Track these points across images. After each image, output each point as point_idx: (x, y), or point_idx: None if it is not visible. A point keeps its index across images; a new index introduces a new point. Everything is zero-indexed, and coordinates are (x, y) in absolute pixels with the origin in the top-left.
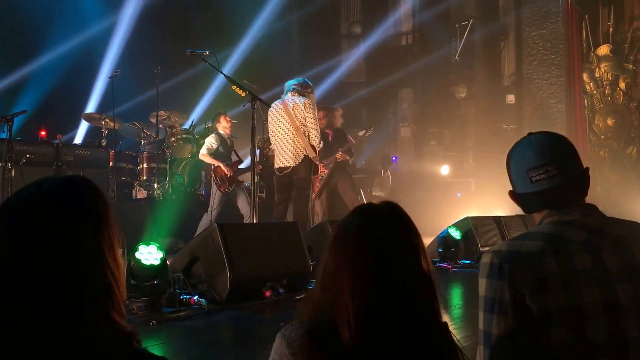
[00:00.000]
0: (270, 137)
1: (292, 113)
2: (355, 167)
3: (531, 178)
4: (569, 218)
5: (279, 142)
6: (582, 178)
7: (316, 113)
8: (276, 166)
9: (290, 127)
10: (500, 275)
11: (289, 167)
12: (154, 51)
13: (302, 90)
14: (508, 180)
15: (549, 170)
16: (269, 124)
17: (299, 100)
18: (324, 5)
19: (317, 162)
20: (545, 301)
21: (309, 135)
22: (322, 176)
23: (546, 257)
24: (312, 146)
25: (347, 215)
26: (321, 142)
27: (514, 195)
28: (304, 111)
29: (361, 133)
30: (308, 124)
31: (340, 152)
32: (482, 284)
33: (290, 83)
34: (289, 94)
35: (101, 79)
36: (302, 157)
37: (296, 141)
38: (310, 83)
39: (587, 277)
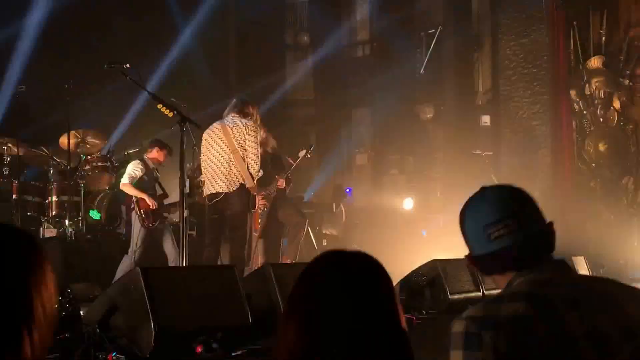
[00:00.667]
0: (202, 163)
1: (232, 134)
2: (301, 200)
3: (489, 235)
4: (544, 277)
5: (211, 166)
6: (546, 233)
7: (258, 138)
8: (206, 193)
9: (227, 150)
10: (480, 345)
11: (221, 194)
12: (65, 64)
13: (244, 109)
14: None
15: (509, 225)
16: (202, 148)
17: (240, 122)
18: (266, 12)
19: (255, 194)
20: None
21: (247, 163)
22: (264, 209)
23: (532, 320)
24: (251, 175)
25: (310, 267)
26: (261, 170)
27: (471, 259)
28: (245, 133)
29: (301, 154)
30: (247, 148)
31: (280, 181)
32: (458, 356)
33: (232, 104)
34: (230, 115)
35: (2, 97)
36: (238, 185)
37: (232, 165)
38: (250, 101)
39: (583, 340)
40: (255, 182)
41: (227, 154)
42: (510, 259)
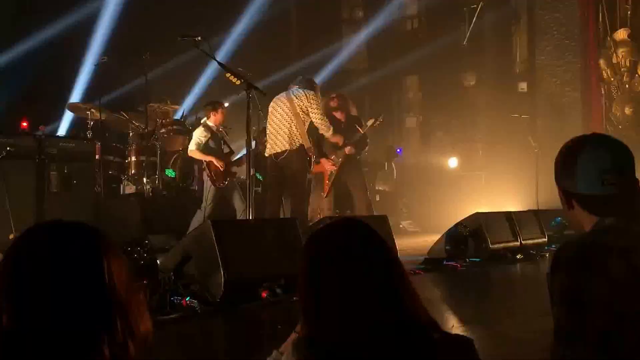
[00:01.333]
0: (268, 128)
1: (295, 101)
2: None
3: (604, 179)
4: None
5: (274, 128)
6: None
7: (320, 106)
8: (268, 153)
9: (290, 113)
10: (594, 268)
11: (284, 152)
12: (142, 37)
13: (307, 84)
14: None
15: (622, 176)
16: (269, 114)
17: (303, 91)
18: None
19: (313, 155)
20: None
21: (308, 127)
22: (332, 172)
23: (637, 254)
24: (312, 139)
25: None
26: (330, 128)
27: (569, 193)
28: (307, 102)
29: (370, 122)
30: (311, 114)
31: (348, 147)
32: (566, 277)
33: (297, 79)
34: (294, 87)
35: (86, 66)
36: (298, 145)
37: (293, 126)
38: (312, 79)
39: None
40: (313, 146)
41: (290, 116)
42: (611, 205)
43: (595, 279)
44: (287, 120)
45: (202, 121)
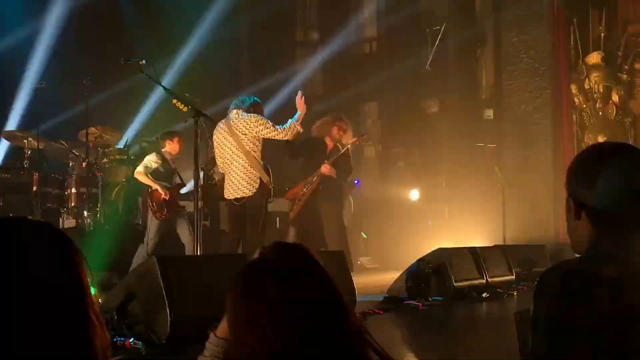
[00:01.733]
0: (218, 162)
1: (239, 134)
2: None
3: (626, 200)
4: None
5: (229, 170)
6: None
7: (269, 123)
8: (227, 196)
9: (239, 152)
10: (578, 297)
11: (246, 197)
12: (83, 60)
13: (248, 108)
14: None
15: None
16: (215, 148)
17: (247, 119)
18: (277, 9)
19: (271, 186)
20: (626, 336)
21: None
22: (303, 192)
23: (628, 286)
24: (266, 170)
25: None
26: (290, 127)
27: (581, 203)
28: (253, 124)
29: (351, 140)
30: (263, 133)
31: (325, 164)
32: (549, 304)
33: (235, 102)
34: (233, 112)
35: (23, 92)
36: (258, 184)
37: (248, 167)
38: (259, 100)
39: None
40: (270, 176)
41: (241, 156)
42: (626, 228)
43: (578, 309)
44: (239, 163)
45: (160, 146)
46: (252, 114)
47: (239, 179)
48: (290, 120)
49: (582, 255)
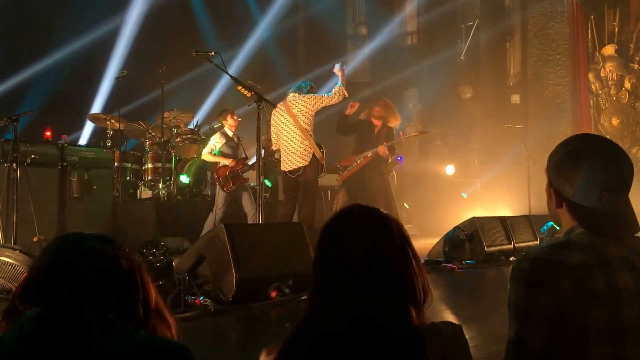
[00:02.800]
0: (273, 140)
1: (296, 113)
2: None
3: (601, 197)
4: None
5: (286, 145)
6: (632, 213)
7: (319, 96)
8: (285, 169)
9: (295, 129)
10: (543, 284)
11: (300, 168)
12: (159, 51)
13: (306, 91)
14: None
15: (620, 198)
16: (272, 127)
17: (302, 99)
18: (330, 7)
19: (323, 162)
20: (587, 317)
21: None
22: (356, 162)
23: (591, 272)
24: (319, 146)
25: (331, 219)
26: (335, 93)
27: (562, 200)
28: (307, 102)
29: (414, 133)
30: (316, 105)
31: (383, 145)
32: (519, 291)
33: (293, 87)
34: (291, 95)
35: (107, 79)
36: (310, 157)
37: (303, 142)
38: (313, 84)
39: (629, 296)
40: (323, 153)
41: (297, 133)
42: (600, 221)
43: (544, 295)
44: (295, 138)
45: (221, 125)
46: (307, 94)
47: (295, 152)
48: (335, 87)
49: (552, 242)
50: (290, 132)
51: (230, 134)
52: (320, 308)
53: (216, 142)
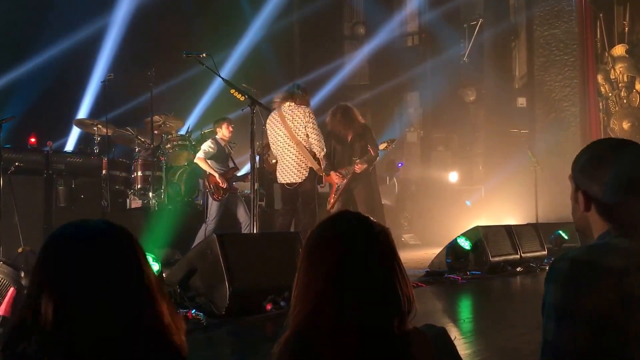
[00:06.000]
0: (272, 148)
1: (292, 125)
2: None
3: (633, 192)
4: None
5: (281, 157)
6: None
7: (315, 120)
8: (282, 181)
9: (290, 142)
10: (583, 286)
11: (296, 183)
12: (148, 54)
13: (298, 97)
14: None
15: None
16: (268, 134)
17: (298, 111)
18: (326, 6)
19: (322, 174)
20: (628, 322)
21: (310, 147)
22: (339, 186)
23: (632, 277)
24: (315, 157)
25: (317, 225)
26: (324, 149)
27: (590, 197)
28: (304, 121)
29: (382, 146)
30: (309, 133)
31: (358, 165)
32: (557, 291)
33: (284, 94)
34: (286, 104)
35: (93, 83)
36: (307, 172)
37: (299, 156)
38: (304, 87)
39: None
40: (320, 163)
41: (292, 145)
42: (633, 218)
43: (585, 296)
44: (290, 152)
45: (214, 132)
46: (306, 108)
47: (290, 166)
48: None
49: (591, 244)
50: (285, 146)
51: (222, 142)
52: (302, 319)
53: (209, 147)
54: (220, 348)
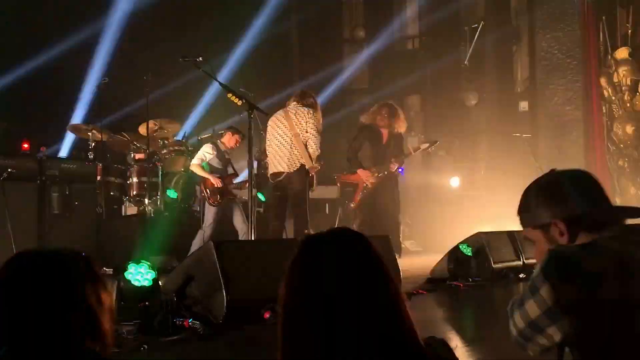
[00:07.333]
0: (267, 147)
1: (294, 119)
2: None
3: (596, 197)
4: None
5: (275, 149)
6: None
7: (319, 123)
8: (269, 172)
9: (289, 133)
10: (569, 279)
11: (282, 173)
12: (143, 58)
13: (306, 98)
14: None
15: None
16: (267, 133)
17: (303, 109)
18: (325, 9)
19: (314, 174)
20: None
21: (306, 144)
22: (366, 185)
23: (608, 280)
24: (310, 156)
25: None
26: (319, 149)
27: (566, 219)
28: (306, 117)
29: (423, 146)
30: (309, 130)
31: (393, 164)
32: (547, 290)
33: (295, 94)
34: (293, 103)
35: (87, 88)
36: (298, 165)
37: (293, 147)
38: (313, 94)
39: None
40: (314, 162)
41: (289, 137)
42: (608, 220)
43: (580, 291)
44: (287, 142)
45: (215, 137)
46: (310, 109)
47: (281, 154)
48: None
49: (582, 244)
50: (283, 136)
51: (222, 148)
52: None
53: (207, 152)
54: (217, 357)
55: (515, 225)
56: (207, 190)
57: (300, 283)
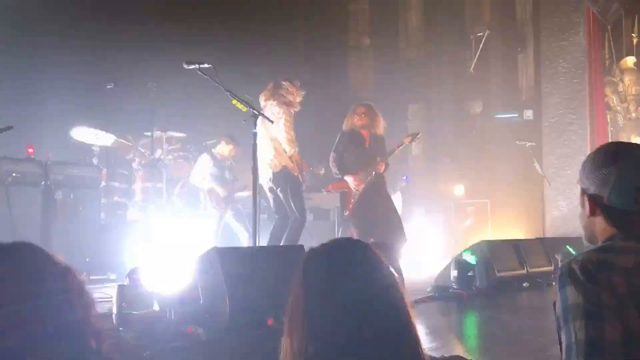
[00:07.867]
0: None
1: (266, 122)
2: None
3: (637, 197)
4: None
5: (260, 154)
6: None
7: (288, 121)
8: (261, 182)
9: (266, 137)
10: (596, 281)
11: (265, 177)
12: (149, 63)
13: (275, 92)
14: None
15: None
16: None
17: (272, 111)
18: (332, 16)
19: (297, 173)
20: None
21: (283, 142)
22: (358, 190)
23: (637, 275)
24: (290, 157)
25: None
26: (295, 149)
27: (596, 201)
28: (278, 117)
29: (406, 140)
30: (280, 130)
31: (381, 163)
32: (573, 292)
33: (268, 89)
34: (269, 102)
35: (93, 92)
36: (279, 169)
37: (270, 154)
38: (290, 83)
39: None
40: (294, 163)
41: (267, 141)
42: (637, 223)
43: (605, 292)
44: (263, 148)
45: (211, 146)
46: (280, 109)
47: (263, 163)
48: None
49: (596, 247)
50: (261, 142)
51: (218, 157)
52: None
53: (204, 164)
54: None
55: (519, 233)
56: (213, 200)
57: (306, 296)
